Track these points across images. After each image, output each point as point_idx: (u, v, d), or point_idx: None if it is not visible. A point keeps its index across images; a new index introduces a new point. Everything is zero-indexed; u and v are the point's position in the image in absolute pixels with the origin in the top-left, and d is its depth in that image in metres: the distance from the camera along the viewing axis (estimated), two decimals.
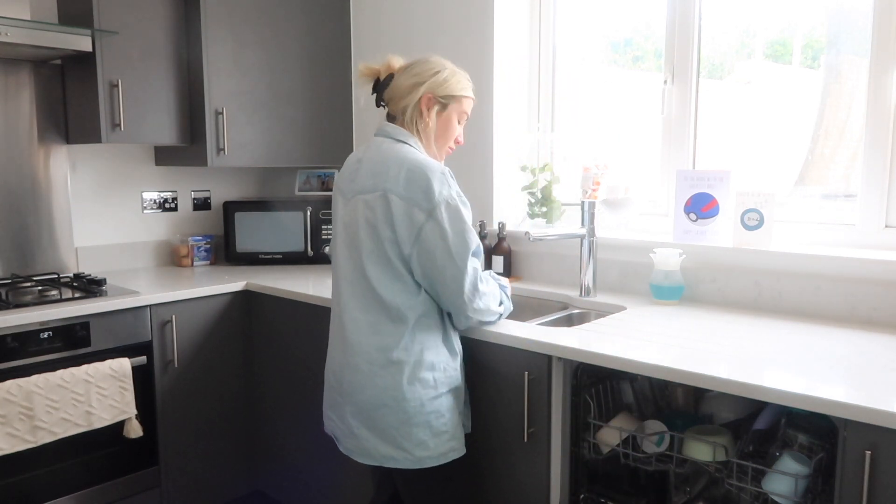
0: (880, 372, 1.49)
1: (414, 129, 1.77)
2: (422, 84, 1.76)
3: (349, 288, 1.74)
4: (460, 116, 1.83)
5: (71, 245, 2.80)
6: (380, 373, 1.69)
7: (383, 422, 1.70)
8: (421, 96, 1.75)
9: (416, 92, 1.76)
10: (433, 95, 1.76)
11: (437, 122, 1.79)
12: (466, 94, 1.82)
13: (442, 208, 1.64)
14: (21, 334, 2.13)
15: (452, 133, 1.83)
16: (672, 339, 1.78)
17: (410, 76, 1.78)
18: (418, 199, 1.64)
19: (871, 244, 2.00)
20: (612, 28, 2.62)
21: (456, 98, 1.79)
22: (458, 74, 1.81)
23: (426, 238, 1.64)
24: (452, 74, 1.79)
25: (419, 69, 1.79)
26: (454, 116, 1.81)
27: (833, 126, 2.21)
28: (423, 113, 1.77)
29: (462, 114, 1.83)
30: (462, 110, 1.83)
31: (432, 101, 1.77)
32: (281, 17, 2.93)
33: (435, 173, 1.65)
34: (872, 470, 1.28)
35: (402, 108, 1.78)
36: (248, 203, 3.08)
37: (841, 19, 2.14)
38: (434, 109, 1.77)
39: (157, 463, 2.48)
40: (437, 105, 1.78)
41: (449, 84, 1.78)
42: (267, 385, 2.69)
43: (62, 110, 2.73)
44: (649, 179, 2.46)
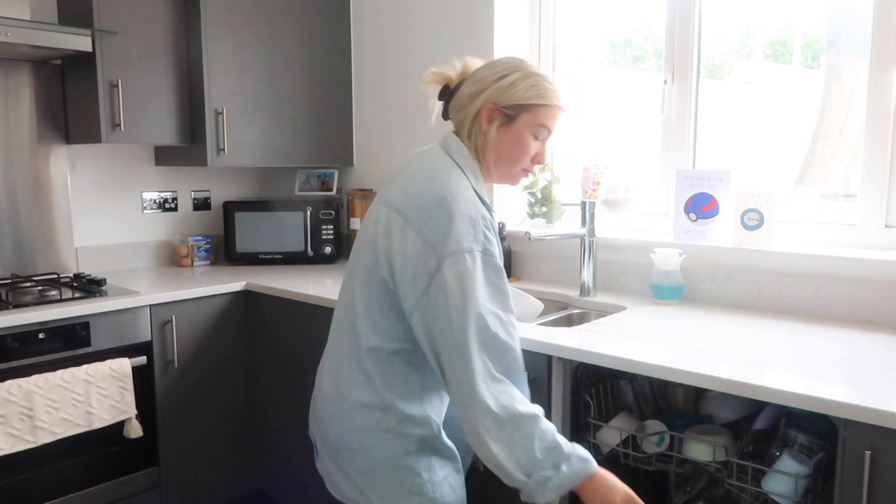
0: (880, 372, 1.49)
1: (472, 146, 1.45)
2: (482, 91, 1.42)
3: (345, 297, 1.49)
4: (536, 130, 1.44)
5: (71, 245, 2.80)
6: (349, 412, 1.42)
7: (348, 465, 1.45)
8: (481, 107, 1.42)
9: (475, 101, 1.43)
10: (495, 105, 1.41)
11: (501, 139, 1.43)
12: (542, 102, 1.42)
13: (453, 260, 1.28)
14: (21, 334, 2.13)
15: (525, 151, 1.45)
16: (672, 339, 1.78)
17: (472, 82, 1.45)
18: (436, 240, 1.30)
19: (871, 244, 2.00)
20: (612, 28, 2.62)
21: (528, 108, 1.42)
22: (532, 77, 1.42)
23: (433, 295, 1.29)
24: (524, 78, 1.42)
25: (483, 73, 1.45)
26: (526, 131, 1.43)
27: (833, 126, 2.21)
28: (483, 127, 1.43)
29: (538, 127, 1.44)
30: (538, 122, 1.43)
31: (494, 113, 1.42)
32: (281, 16, 2.93)
33: (464, 216, 1.31)
34: (872, 470, 1.28)
35: (460, 121, 1.46)
36: (248, 203, 3.08)
37: (841, 19, 2.14)
38: (496, 123, 1.42)
39: (157, 463, 2.48)
40: (501, 117, 1.42)
41: (517, 90, 1.41)
42: (267, 385, 2.69)
43: (62, 110, 2.73)
44: (649, 179, 2.46)
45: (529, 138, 1.44)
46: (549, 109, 1.44)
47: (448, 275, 1.28)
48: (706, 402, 1.83)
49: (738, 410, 1.73)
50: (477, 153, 1.45)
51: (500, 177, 1.49)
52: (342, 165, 3.24)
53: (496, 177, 1.49)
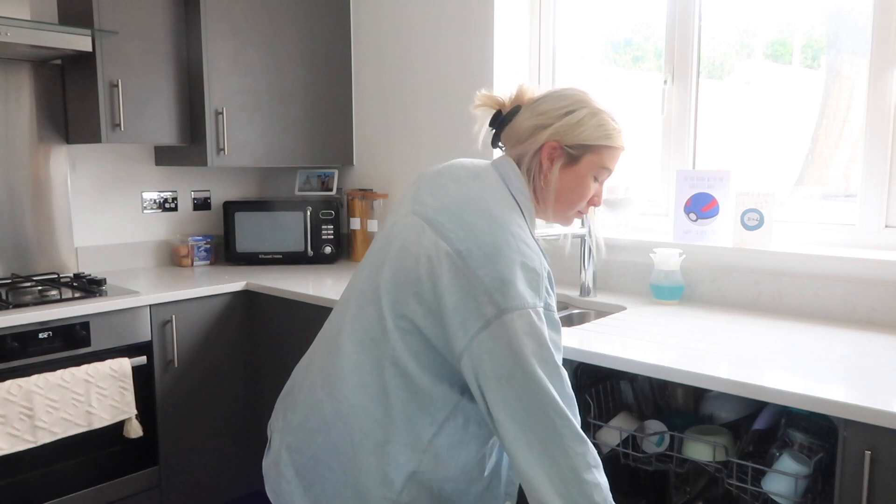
0: (880, 372, 1.49)
1: (530, 184, 1.32)
2: (546, 127, 1.30)
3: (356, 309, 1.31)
4: (598, 172, 1.34)
5: (71, 245, 2.80)
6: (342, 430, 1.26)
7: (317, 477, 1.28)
8: (543, 144, 1.30)
9: (537, 137, 1.30)
10: (559, 144, 1.30)
11: (563, 180, 1.32)
12: (608, 144, 1.32)
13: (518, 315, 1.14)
14: (21, 334, 2.13)
15: (584, 194, 1.35)
16: (672, 339, 1.78)
17: (534, 115, 1.32)
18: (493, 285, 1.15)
19: (871, 244, 2.00)
20: (612, 28, 2.62)
21: (593, 149, 1.31)
22: (600, 115, 1.31)
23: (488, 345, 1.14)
24: (592, 116, 1.31)
25: (547, 106, 1.32)
26: (588, 173, 1.33)
27: (833, 126, 2.21)
28: (544, 166, 1.31)
29: (601, 169, 1.34)
30: (601, 164, 1.33)
31: (557, 152, 1.30)
32: (281, 16, 2.93)
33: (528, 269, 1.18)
34: (872, 470, 1.28)
35: (517, 157, 1.33)
36: (248, 203, 3.08)
37: (841, 19, 2.14)
38: (559, 163, 1.31)
39: (157, 463, 2.48)
40: (564, 157, 1.31)
41: (585, 128, 1.30)
42: (267, 385, 2.69)
43: (62, 110, 2.73)
44: (649, 179, 2.46)
45: (591, 180, 1.34)
46: (614, 151, 1.34)
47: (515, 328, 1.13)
48: (706, 403, 1.84)
49: (739, 410, 1.74)
50: (535, 191, 1.33)
51: (555, 217, 1.39)
52: (342, 165, 3.24)
53: (552, 217, 1.38)
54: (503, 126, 1.37)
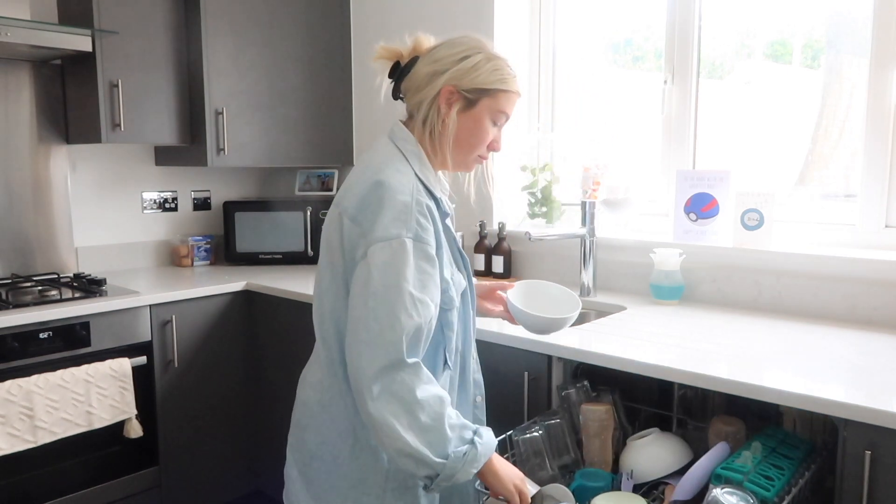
0: (880, 372, 1.49)
1: (427, 131, 1.35)
2: (443, 73, 1.32)
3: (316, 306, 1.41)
4: (495, 116, 1.36)
5: (71, 245, 2.80)
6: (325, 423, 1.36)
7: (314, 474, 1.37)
8: (440, 89, 1.32)
9: (434, 83, 1.33)
10: (456, 88, 1.32)
11: (461, 124, 1.34)
12: (504, 88, 1.34)
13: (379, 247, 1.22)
14: (21, 334, 2.13)
15: (483, 137, 1.37)
16: (672, 339, 1.78)
17: (431, 62, 1.34)
18: (365, 227, 1.25)
19: (871, 244, 2.00)
20: (612, 28, 2.62)
21: (489, 92, 1.33)
22: (495, 60, 1.34)
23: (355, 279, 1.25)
24: (487, 60, 1.33)
25: (442, 53, 1.34)
26: (485, 116, 1.35)
27: (833, 126, 2.21)
28: (442, 111, 1.33)
29: (498, 113, 1.36)
30: (498, 108, 1.35)
31: (455, 96, 1.33)
32: (281, 17, 2.93)
33: (395, 202, 1.24)
34: (872, 470, 1.28)
35: (416, 104, 1.36)
36: (248, 203, 3.08)
37: (840, 19, 2.14)
38: (456, 107, 1.33)
39: (157, 463, 2.48)
40: (462, 101, 1.33)
41: (480, 73, 1.32)
42: (267, 385, 2.69)
43: (62, 110, 2.73)
44: (649, 179, 2.46)
45: (488, 124, 1.36)
46: (510, 95, 1.36)
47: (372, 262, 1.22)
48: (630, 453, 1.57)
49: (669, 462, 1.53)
50: (432, 138, 1.35)
51: (455, 164, 1.40)
52: (342, 165, 3.24)
53: (451, 164, 1.39)
54: (402, 77, 1.39)
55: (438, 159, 1.38)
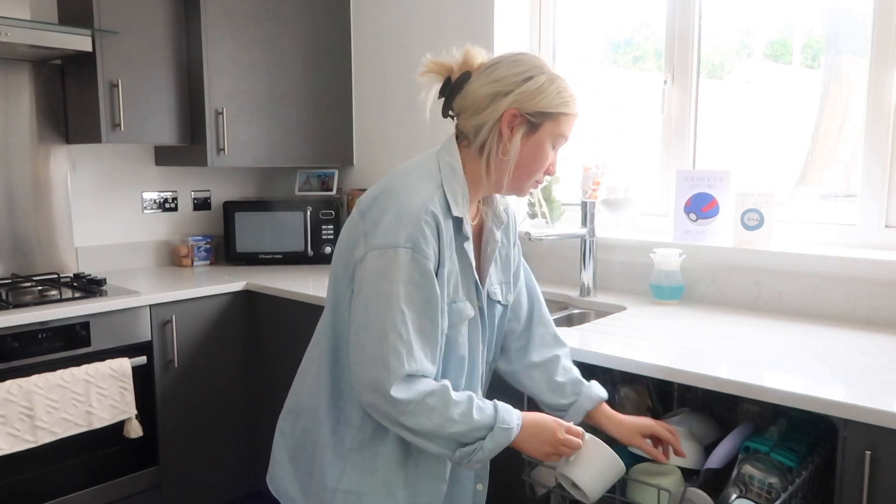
0: (880, 372, 1.49)
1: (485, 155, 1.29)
2: (506, 94, 1.26)
3: None
4: (556, 140, 1.32)
5: (71, 245, 2.80)
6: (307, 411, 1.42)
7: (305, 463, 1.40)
8: (503, 112, 1.26)
9: (496, 105, 1.26)
10: (519, 112, 1.26)
11: (523, 149, 1.29)
12: (566, 111, 1.30)
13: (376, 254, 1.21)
14: (21, 334, 2.13)
15: (543, 161, 1.32)
16: (672, 339, 1.78)
17: (490, 81, 1.27)
18: (368, 228, 1.24)
19: (871, 244, 2.00)
20: (612, 28, 2.62)
21: (552, 116, 1.28)
22: (558, 81, 1.29)
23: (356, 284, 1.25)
24: (551, 82, 1.28)
25: (504, 72, 1.28)
26: (547, 140, 1.30)
27: (833, 126, 2.21)
28: (504, 135, 1.27)
29: (559, 137, 1.32)
30: (559, 132, 1.31)
31: (518, 119, 1.27)
32: (281, 17, 2.93)
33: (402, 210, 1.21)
34: (872, 470, 1.28)
35: (474, 127, 1.29)
36: (248, 203, 3.08)
37: (841, 19, 2.15)
38: (519, 131, 1.27)
39: (157, 463, 2.48)
40: (525, 125, 1.27)
41: (545, 95, 1.27)
42: (267, 385, 2.69)
43: (62, 110, 2.73)
44: (649, 179, 2.46)
45: (549, 148, 1.31)
46: (570, 118, 1.32)
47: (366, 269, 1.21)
48: None
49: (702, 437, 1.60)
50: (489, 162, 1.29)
51: (510, 189, 1.34)
52: (342, 165, 3.24)
53: (507, 188, 1.34)
54: (454, 94, 1.32)
55: (492, 183, 1.32)
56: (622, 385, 1.77)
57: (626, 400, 1.75)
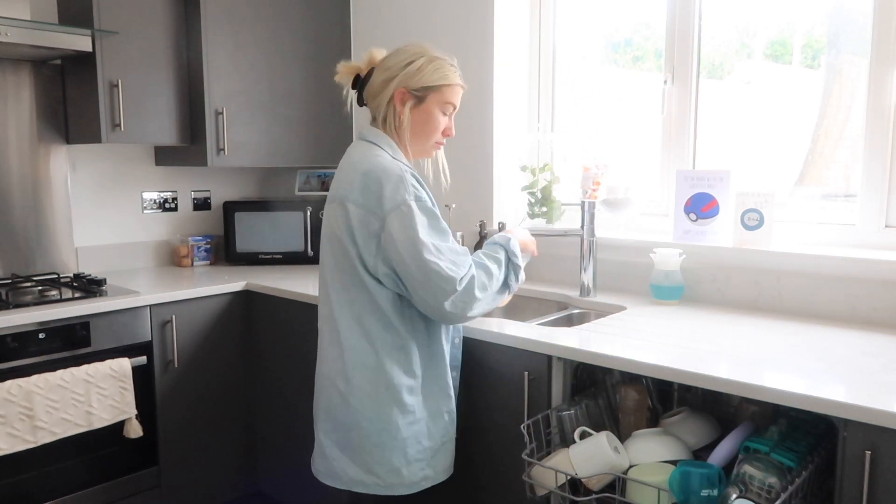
0: (880, 372, 1.49)
1: (390, 128, 1.65)
2: (393, 78, 1.62)
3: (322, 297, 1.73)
4: (443, 107, 1.66)
5: (71, 245, 2.80)
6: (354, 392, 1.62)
7: (356, 443, 1.62)
8: (393, 92, 1.62)
9: (388, 88, 1.62)
10: (406, 89, 1.61)
11: (415, 118, 1.63)
12: (446, 83, 1.64)
13: (393, 215, 1.52)
14: (21, 334, 2.13)
15: (436, 127, 1.67)
16: (672, 339, 1.78)
17: (383, 70, 1.64)
18: (373, 205, 1.54)
19: (871, 244, 2.00)
20: (612, 28, 2.62)
21: (434, 89, 1.63)
22: (436, 61, 1.63)
23: (385, 247, 1.54)
24: (429, 62, 1.62)
25: (391, 61, 1.64)
26: (435, 109, 1.64)
27: (833, 126, 2.21)
28: (397, 109, 1.63)
29: (446, 104, 1.66)
30: (445, 101, 1.65)
31: (406, 96, 1.62)
32: (281, 17, 2.93)
33: (390, 177, 1.53)
34: (872, 470, 1.28)
35: (376, 107, 1.66)
36: (248, 203, 3.08)
37: (841, 19, 2.14)
38: (408, 104, 1.62)
39: (157, 463, 2.48)
40: (412, 99, 1.62)
41: (424, 73, 1.61)
42: (267, 385, 2.69)
43: (62, 110, 2.73)
44: (649, 179, 2.46)
45: (438, 115, 1.65)
46: (453, 88, 1.65)
47: (392, 228, 1.52)
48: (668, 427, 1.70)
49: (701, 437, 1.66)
50: (394, 133, 1.64)
51: (416, 152, 1.69)
52: None
53: (413, 152, 1.68)
54: (363, 87, 1.69)
55: (402, 151, 1.65)
56: (622, 385, 1.79)
57: (626, 400, 1.76)
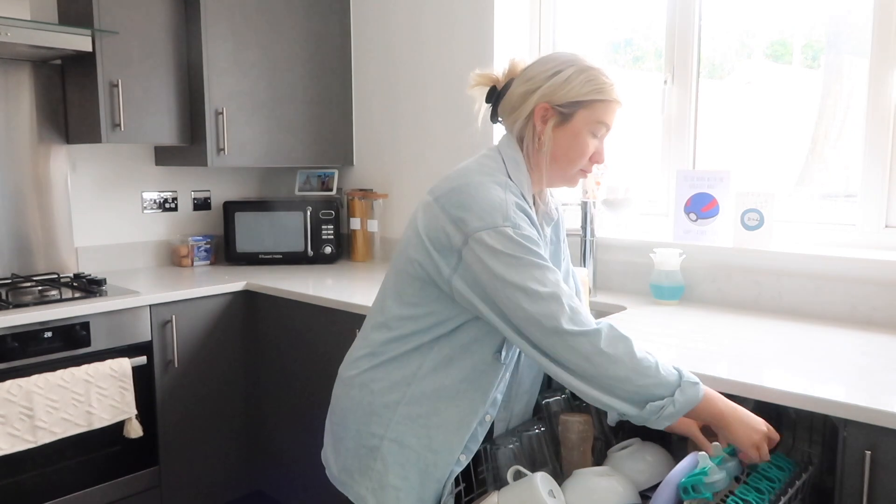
0: (880, 372, 1.49)
1: (527, 151, 1.36)
2: (535, 91, 1.33)
3: None
4: (594, 128, 1.34)
5: (71, 245, 2.80)
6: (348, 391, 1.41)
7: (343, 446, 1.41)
8: (534, 107, 1.33)
9: (527, 101, 1.33)
10: (549, 104, 1.32)
11: (557, 140, 1.33)
12: (599, 98, 1.32)
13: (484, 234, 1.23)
14: (21, 334, 2.13)
15: (583, 151, 1.35)
16: (672, 339, 1.78)
17: (524, 81, 1.36)
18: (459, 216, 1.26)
19: (871, 244, 2.00)
20: (612, 28, 2.62)
21: (584, 104, 1.32)
22: (588, 71, 1.32)
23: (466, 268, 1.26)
24: (579, 73, 1.32)
25: (534, 71, 1.35)
26: (583, 129, 1.33)
27: (833, 126, 2.21)
28: (537, 128, 1.33)
29: (597, 124, 1.34)
30: (597, 119, 1.34)
31: (549, 112, 1.32)
32: (281, 16, 2.93)
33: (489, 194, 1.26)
34: (872, 470, 1.28)
35: (513, 125, 1.37)
36: (248, 203, 3.08)
37: (840, 19, 2.15)
38: (551, 123, 1.33)
39: (157, 463, 2.48)
40: (556, 116, 1.32)
41: (573, 86, 1.31)
42: (267, 385, 2.69)
43: (62, 110, 2.73)
44: (649, 179, 2.46)
45: (587, 137, 1.35)
46: (608, 105, 1.34)
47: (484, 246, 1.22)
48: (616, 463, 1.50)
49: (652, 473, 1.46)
50: (529, 156, 1.36)
51: (554, 180, 1.39)
52: (342, 165, 3.24)
53: (550, 180, 1.39)
54: (499, 100, 1.40)
55: (537, 177, 1.37)
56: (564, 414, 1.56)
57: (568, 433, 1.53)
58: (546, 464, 1.55)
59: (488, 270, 1.22)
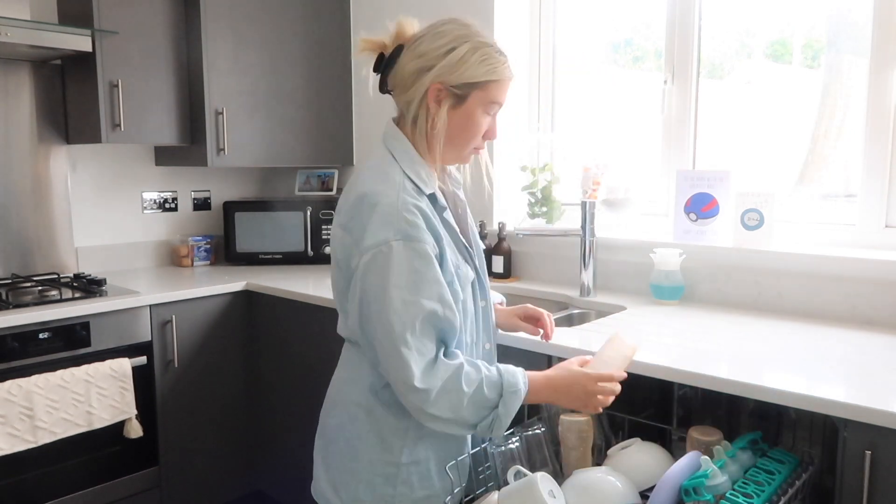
0: (880, 372, 1.49)
1: (419, 132, 1.30)
2: (429, 70, 1.25)
3: None
4: (488, 107, 1.30)
5: (71, 245, 2.80)
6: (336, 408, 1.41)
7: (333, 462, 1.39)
8: (427, 88, 1.26)
9: (421, 81, 1.26)
10: (443, 85, 1.25)
11: (452, 122, 1.28)
12: (494, 78, 1.27)
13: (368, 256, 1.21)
14: (21, 334, 2.13)
15: (477, 130, 1.31)
16: (672, 339, 1.78)
17: (415, 57, 1.27)
18: (357, 236, 1.23)
19: (871, 244, 2.00)
20: (612, 28, 2.62)
21: (479, 85, 1.26)
22: (482, 49, 1.26)
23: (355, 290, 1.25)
24: (473, 50, 1.25)
25: (427, 46, 1.27)
26: (477, 109, 1.28)
27: (833, 126, 2.21)
28: (431, 110, 1.27)
29: (490, 104, 1.29)
30: (490, 100, 1.29)
31: (443, 94, 1.26)
32: (281, 16, 2.93)
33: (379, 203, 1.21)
34: (872, 470, 1.28)
35: (405, 104, 1.30)
36: (248, 203, 3.08)
37: (840, 19, 2.15)
38: (445, 104, 1.27)
39: (157, 463, 2.48)
40: (451, 98, 1.27)
41: (467, 66, 1.24)
42: (267, 385, 2.69)
43: (62, 110, 2.73)
44: (649, 179, 2.46)
45: (481, 116, 1.30)
46: (501, 83, 1.29)
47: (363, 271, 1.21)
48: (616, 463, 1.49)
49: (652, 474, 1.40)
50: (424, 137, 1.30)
51: (448, 159, 1.35)
52: (342, 165, 3.24)
53: (444, 159, 1.33)
54: (388, 69, 1.34)
55: (432, 157, 1.32)
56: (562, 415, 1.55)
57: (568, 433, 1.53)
58: (546, 464, 1.54)
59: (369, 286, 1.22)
